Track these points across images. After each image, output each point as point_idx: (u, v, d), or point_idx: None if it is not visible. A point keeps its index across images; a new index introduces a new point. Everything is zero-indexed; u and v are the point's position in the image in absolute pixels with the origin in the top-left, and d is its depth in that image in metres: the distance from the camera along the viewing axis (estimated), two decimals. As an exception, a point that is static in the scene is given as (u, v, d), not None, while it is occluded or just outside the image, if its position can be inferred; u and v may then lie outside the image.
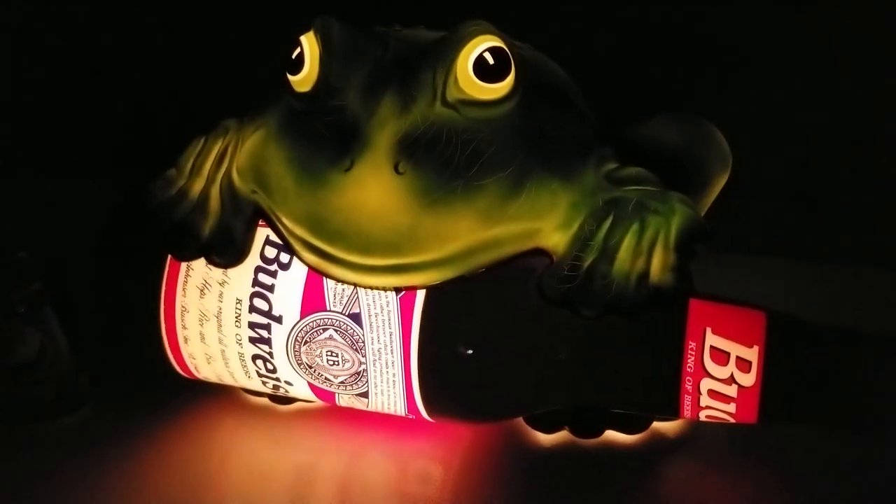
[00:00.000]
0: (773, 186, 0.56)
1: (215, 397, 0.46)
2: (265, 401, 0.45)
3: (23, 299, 0.42)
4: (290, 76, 0.37)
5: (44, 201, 0.52)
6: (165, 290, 0.40)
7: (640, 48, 0.58)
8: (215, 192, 0.40)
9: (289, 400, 0.45)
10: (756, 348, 0.36)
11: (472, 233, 0.35)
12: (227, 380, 0.42)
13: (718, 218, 0.45)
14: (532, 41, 0.41)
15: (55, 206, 0.51)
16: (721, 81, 0.58)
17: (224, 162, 0.40)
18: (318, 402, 0.44)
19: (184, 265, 0.40)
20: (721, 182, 0.46)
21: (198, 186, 0.40)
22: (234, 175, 0.40)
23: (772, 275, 0.43)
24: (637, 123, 0.45)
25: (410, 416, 0.41)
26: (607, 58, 0.55)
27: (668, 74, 0.58)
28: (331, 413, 0.45)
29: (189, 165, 0.41)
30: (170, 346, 0.41)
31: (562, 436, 0.43)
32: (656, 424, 0.43)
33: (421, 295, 0.38)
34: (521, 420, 0.43)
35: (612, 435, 0.43)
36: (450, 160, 0.35)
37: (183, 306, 0.40)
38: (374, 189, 0.34)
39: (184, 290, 0.40)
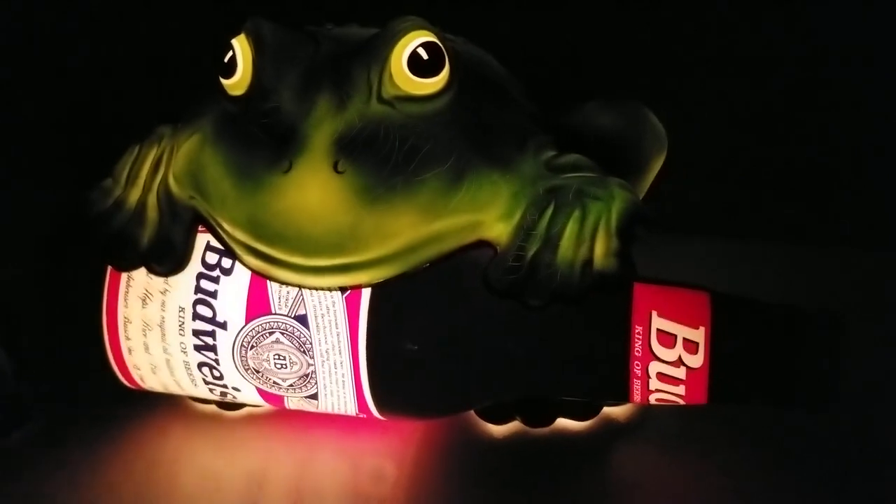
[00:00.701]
0: (709, 166, 0.57)
1: (162, 407, 0.45)
2: (213, 408, 0.45)
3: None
4: (222, 80, 0.37)
5: None
6: (107, 302, 0.40)
7: (575, 33, 0.58)
8: (152, 200, 0.39)
9: (237, 406, 0.44)
10: (702, 329, 0.36)
11: (414, 229, 0.35)
12: (174, 389, 0.42)
13: (657, 200, 0.45)
14: (465, 34, 0.41)
15: None
16: (660, 65, 0.59)
17: (160, 169, 0.40)
18: (268, 407, 0.43)
19: (124, 276, 0.40)
20: (658, 164, 0.47)
21: (134, 195, 0.40)
22: (171, 182, 0.39)
23: (712, 255, 0.43)
24: (572, 110, 0.45)
25: (361, 416, 0.40)
26: (543, 45, 0.55)
27: (602, 60, 0.58)
28: (280, 416, 0.44)
29: (125, 174, 0.40)
30: (114, 358, 0.41)
31: (513, 426, 0.43)
32: (607, 410, 0.43)
33: (367, 293, 0.38)
34: (472, 413, 0.43)
35: (563, 423, 0.43)
36: (388, 157, 0.35)
37: (125, 317, 0.40)
38: (313, 190, 0.34)
39: (125, 300, 0.40)
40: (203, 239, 0.39)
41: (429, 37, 0.36)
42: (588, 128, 0.44)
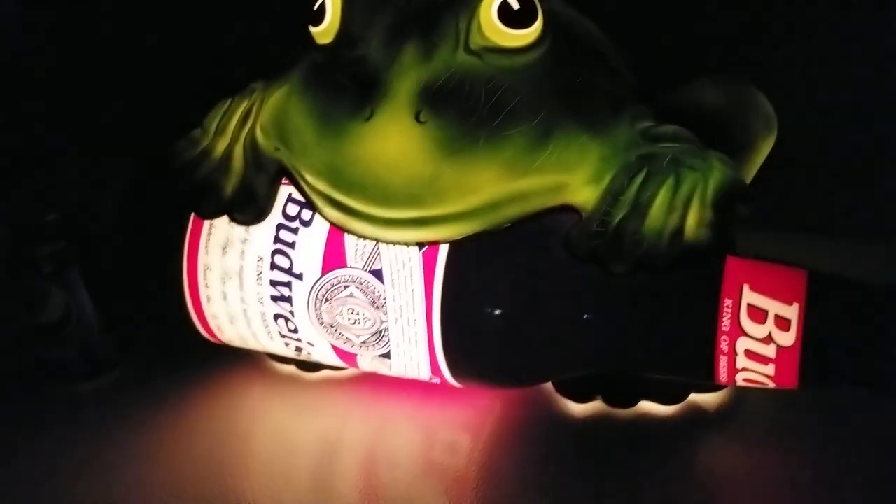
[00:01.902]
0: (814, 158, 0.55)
1: (242, 365, 0.46)
2: (292, 369, 0.45)
3: (49, 259, 0.42)
4: (311, 28, 0.37)
5: (72, 164, 0.52)
6: (188, 249, 0.40)
7: (684, 9, 0.56)
8: (239, 150, 0.40)
9: (315, 367, 0.44)
10: (796, 306, 0.34)
11: (496, 185, 0.35)
12: (251, 342, 0.42)
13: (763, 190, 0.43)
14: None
15: (83, 168, 0.52)
16: (771, 45, 0.56)
17: (248, 121, 0.40)
18: (344, 370, 0.44)
19: (206, 223, 0.40)
20: (766, 147, 0.45)
21: (222, 145, 0.40)
22: (258, 133, 0.39)
23: (812, 253, 0.42)
24: (677, 88, 0.43)
25: (434, 380, 0.40)
26: (647, 20, 0.54)
27: (712, 38, 0.56)
28: (358, 381, 0.44)
29: (214, 125, 0.41)
30: (193, 306, 0.41)
31: (595, 406, 0.42)
32: (695, 397, 0.42)
33: (444, 251, 0.37)
34: (552, 389, 0.42)
35: (647, 407, 0.41)
36: (473, 109, 0.34)
37: (206, 265, 0.40)
38: (393, 138, 0.34)
39: (206, 248, 0.40)
40: (285, 191, 0.39)
41: None
42: (691, 104, 0.42)
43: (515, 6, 0.35)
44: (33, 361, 0.44)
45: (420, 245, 0.37)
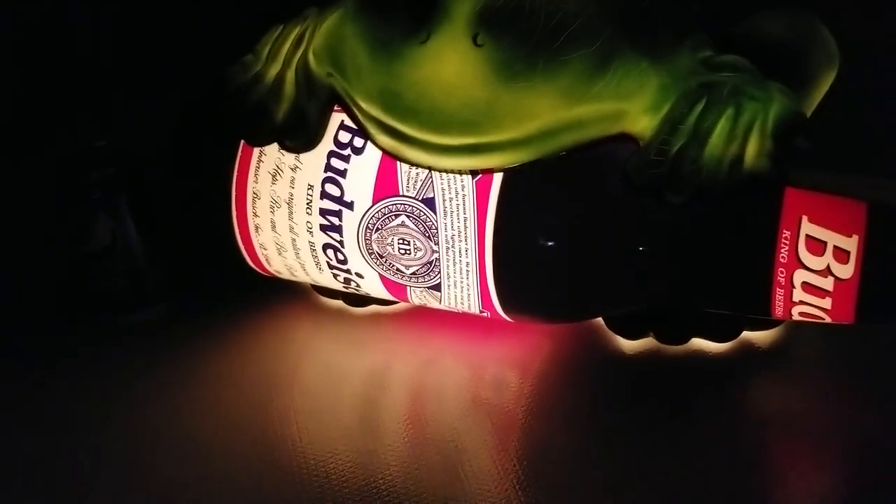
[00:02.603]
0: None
1: (289, 299, 0.46)
2: (340, 303, 0.45)
3: (98, 184, 0.42)
4: None
5: (124, 91, 0.52)
6: (237, 177, 0.40)
7: None
8: (290, 76, 0.40)
9: (363, 302, 0.44)
10: (855, 238, 0.34)
11: (553, 111, 0.34)
12: (299, 273, 0.42)
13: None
14: None
15: (135, 96, 0.52)
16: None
17: (301, 46, 0.40)
18: (393, 304, 0.44)
19: (256, 150, 0.40)
20: (828, 80, 0.44)
21: (273, 70, 0.40)
22: (311, 58, 0.39)
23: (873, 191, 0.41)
24: (742, 17, 0.43)
25: (485, 313, 0.39)
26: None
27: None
28: (406, 317, 0.44)
29: (266, 51, 0.40)
30: (241, 235, 0.41)
31: (645, 343, 0.41)
32: (747, 334, 0.41)
33: (498, 179, 0.37)
34: (602, 325, 0.42)
35: (699, 343, 0.41)
36: (532, 33, 0.34)
37: (255, 192, 0.40)
38: (450, 62, 0.34)
39: (255, 176, 0.40)
40: (337, 119, 0.39)
41: None
42: (754, 35, 0.42)
43: None
44: (78, 290, 0.44)
45: (474, 173, 0.37)
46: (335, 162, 0.38)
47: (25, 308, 0.46)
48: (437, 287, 0.39)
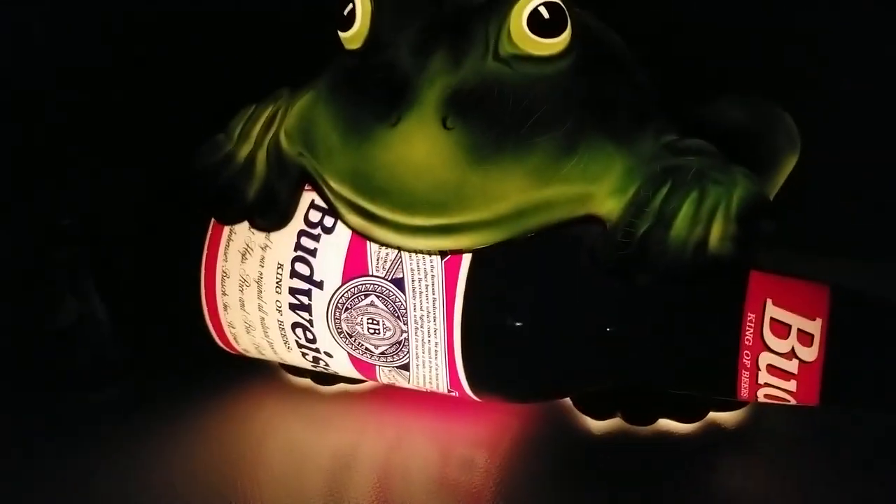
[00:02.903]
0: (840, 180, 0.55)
1: (257, 377, 0.46)
2: (307, 382, 0.45)
3: (64, 264, 0.43)
4: (340, 33, 0.37)
5: (90, 169, 0.53)
6: (207, 255, 0.40)
7: (708, 31, 0.57)
8: (262, 155, 0.40)
9: (331, 380, 0.44)
10: (819, 321, 0.34)
11: (521, 193, 0.35)
12: (267, 352, 0.42)
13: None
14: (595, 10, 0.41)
15: (101, 173, 0.52)
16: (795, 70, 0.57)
17: (273, 126, 0.40)
18: (360, 383, 0.44)
19: (226, 229, 0.40)
20: (789, 165, 0.46)
21: (245, 150, 0.40)
22: (282, 138, 0.40)
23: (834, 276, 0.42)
24: (703, 104, 0.44)
25: (453, 393, 0.40)
26: (673, 39, 0.54)
27: (737, 60, 0.57)
28: (373, 396, 0.44)
29: (238, 130, 0.41)
30: (209, 314, 0.41)
31: (613, 423, 0.42)
32: (714, 415, 0.42)
33: (467, 260, 0.37)
34: (570, 405, 0.42)
35: (666, 424, 0.41)
36: (500, 117, 0.34)
37: (224, 271, 0.40)
38: (420, 144, 0.34)
39: (225, 254, 0.40)
40: (308, 197, 0.39)
41: None
42: (717, 121, 0.43)
43: (546, 15, 0.35)
44: (44, 368, 0.44)
45: (443, 254, 0.37)
46: (305, 241, 0.38)
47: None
48: (406, 367, 0.39)
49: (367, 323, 0.38)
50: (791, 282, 0.36)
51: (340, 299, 0.38)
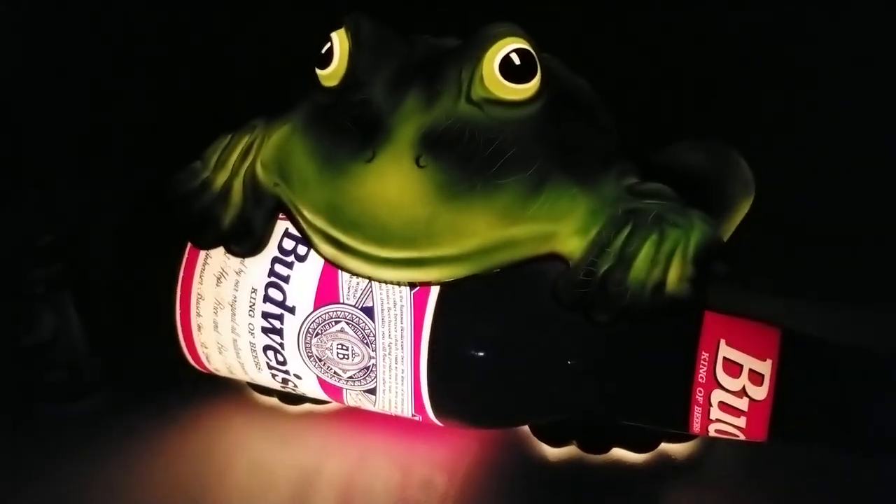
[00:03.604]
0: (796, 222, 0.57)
1: (225, 394, 0.46)
2: (274, 401, 0.46)
3: (42, 280, 0.43)
4: (318, 71, 0.38)
5: (68, 185, 0.53)
6: (183, 278, 0.41)
7: (668, 75, 0.59)
8: (238, 184, 0.41)
9: (298, 400, 0.45)
10: (769, 361, 0.36)
11: (489, 230, 0.36)
12: (238, 372, 0.43)
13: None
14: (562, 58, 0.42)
15: (80, 192, 0.53)
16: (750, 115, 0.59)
17: (249, 156, 0.41)
18: (326, 404, 0.44)
19: (202, 253, 0.41)
20: (744, 207, 0.47)
21: (221, 178, 0.41)
22: (258, 168, 0.40)
23: (788, 314, 0.43)
24: (662, 147, 0.46)
25: (417, 417, 0.40)
26: (637, 84, 0.56)
27: (696, 102, 0.58)
28: (338, 416, 0.45)
29: (214, 159, 0.42)
30: (183, 334, 0.42)
31: (569, 451, 0.43)
32: (665, 446, 0.43)
33: (434, 292, 0.38)
34: (528, 432, 0.43)
35: (620, 454, 0.42)
36: (471, 157, 0.35)
37: (199, 294, 0.41)
38: (393, 181, 0.35)
39: (201, 277, 0.41)
40: (282, 226, 0.40)
41: (523, 44, 0.36)
42: (675, 164, 0.44)
43: (517, 61, 0.36)
44: (19, 382, 0.45)
45: (412, 285, 0.38)
46: (279, 268, 0.39)
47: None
48: (373, 391, 0.40)
49: (337, 348, 0.39)
50: (744, 323, 0.37)
51: (311, 325, 0.39)
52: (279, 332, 0.40)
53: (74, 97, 0.57)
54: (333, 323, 0.39)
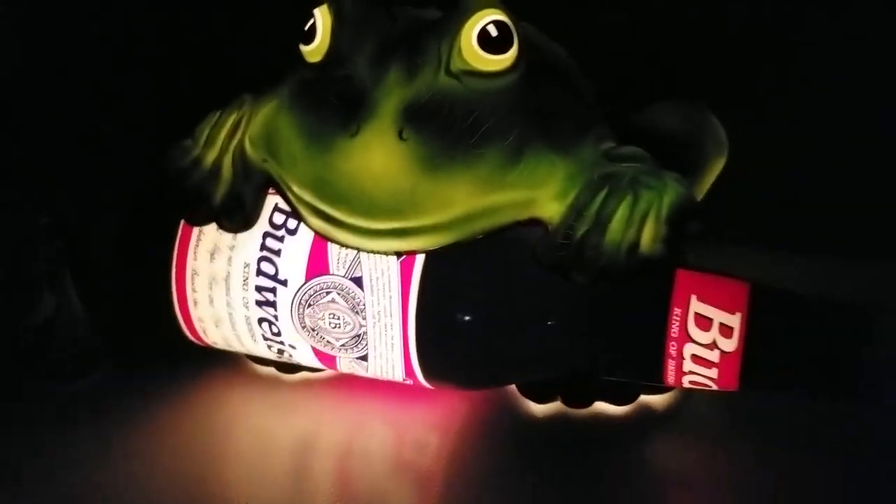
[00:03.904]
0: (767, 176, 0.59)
1: (223, 366, 0.47)
2: (271, 370, 0.47)
3: (42, 262, 0.44)
4: (302, 47, 0.39)
5: (67, 170, 0.54)
6: (177, 255, 0.42)
7: (650, 37, 0.60)
8: (228, 161, 0.42)
9: (294, 368, 0.47)
10: (739, 315, 0.37)
11: (471, 199, 0.37)
12: (234, 344, 0.44)
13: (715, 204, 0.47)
14: (539, 26, 0.43)
15: (78, 175, 0.54)
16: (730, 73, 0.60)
17: (237, 133, 0.42)
18: (322, 371, 0.46)
19: (196, 230, 0.42)
20: (717, 167, 0.48)
21: (211, 156, 0.42)
22: (247, 144, 0.41)
23: (755, 264, 0.45)
24: (639, 109, 0.47)
25: (408, 381, 0.42)
26: (616, 46, 0.57)
27: (677, 64, 0.60)
28: (333, 382, 0.46)
29: (204, 136, 0.43)
30: (180, 310, 0.43)
31: (554, 406, 0.44)
32: (645, 398, 0.44)
33: (420, 260, 0.40)
34: (514, 390, 0.45)
35: (602, 407, 0.44)
36: (451, 128, 0.36)
37: (194, 270, 0.42)
38: (378, 154, 0.36)
39: (195, 254, 0.42)
40: (272, 200, 0.41)
41: (500, 15, 0.38)
42: (651, 126, 0.46)
43: (494, 33, 0.37)
44: (22, 359, 0.46)
45: (398, 254, 0.39)
46: (270, 242, 0.41)
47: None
48: (365, 357, 0.42)
49: (329, 318, 0.41)
50: (714, 279, 0.38)
51: (304, 296, 0.41)
52: (273, 305, 0.41)
53: (74, 97, 0.58)
54: (325, 294, 0.40)
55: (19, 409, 0.45)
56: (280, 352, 0.43)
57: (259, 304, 0.42)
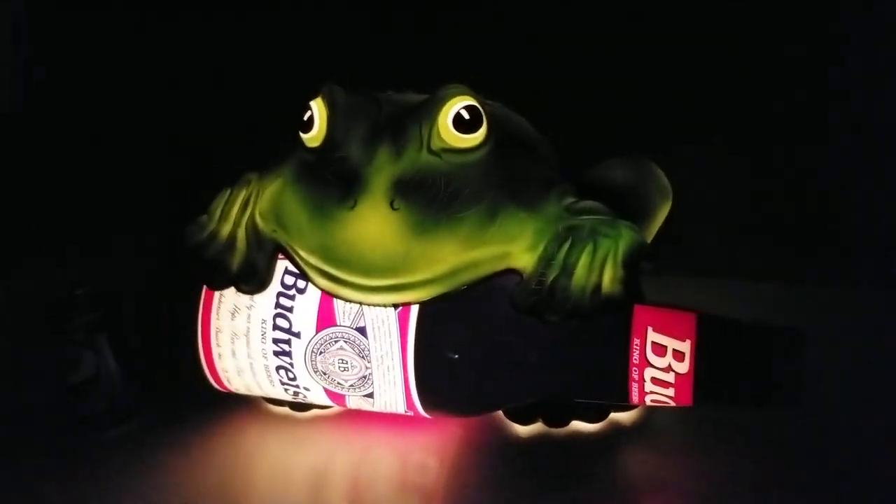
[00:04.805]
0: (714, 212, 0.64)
1: (241, 408, 0.51)
2: (285, 410, 0.51)
3: (81, 327, 0.48)
4: (302, 134, 0.44)
5: (100, 247, 0.58)
6: (202, 315, 0.47)
7: (596, 105, 0.66)
8: (241, 233, 0.46)
9: (306, 407, 0.51)
10: (689, 341, 0.42)
11: (455, 256, 0.41)
12: (255, 389, 0.48)
13: (664, 242, 0.52)
14: (503, 101, 0.48)
15: (110, 249, 0.58)
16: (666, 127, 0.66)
17: (248, 208, 0.46)
18: (331, 407, 0.50)
19: (217, 294, 0.46)
20: (663, 211, 0.53)
21: (226, 229, 0.46)
22: (257, 218, 0.45)
23: (701, 293, 0.49)
24: (592, 166, 0.51)
25: (409, 413, 0.46)
26: (569, 111, 0.62)
27: (622, 122, 0.65)
28: (342, 418, 0.50)
29: (218, 212, 0.47)
30: (206, 363, 0.48)
31: (536, 427, 0.49)
32: (615, 415, 0.49)
33: (415, 309, 0.44)
34: (501, 415, 0.49)
35: (577, 425, 0.48)
36: (435, 197, 0.41)
37: (217, 328, 0.47)
38: (373, 222, 0.40)
39: (217, 314, 0.46)
40: (282, 265, 0.46)
41: (470, 101, 0.42)
42: (604, 180, 0.50)
43: (466, 116, 0.42)
44: (66, 416, 0.49)
45: (396, 306, 0.44)
46: (283, 300, 0.45)
47: (16, 430, 0.50)
48: (371, 395, 0.46)
49: (338, 363, 0.45)
50: (666, 311, 0.43)
51: (315, 345, 0.45)
52: (288, 354, 0.46)
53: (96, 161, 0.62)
54: (333, 342, 0.45)
55: (61, 459, 0.47)
56: (295, 394, 0.48)
57: (276, 354, 0.46)
